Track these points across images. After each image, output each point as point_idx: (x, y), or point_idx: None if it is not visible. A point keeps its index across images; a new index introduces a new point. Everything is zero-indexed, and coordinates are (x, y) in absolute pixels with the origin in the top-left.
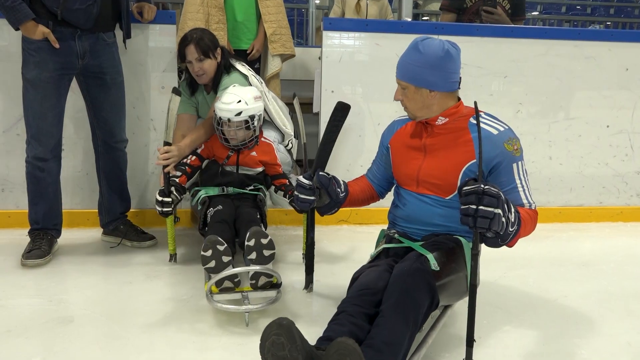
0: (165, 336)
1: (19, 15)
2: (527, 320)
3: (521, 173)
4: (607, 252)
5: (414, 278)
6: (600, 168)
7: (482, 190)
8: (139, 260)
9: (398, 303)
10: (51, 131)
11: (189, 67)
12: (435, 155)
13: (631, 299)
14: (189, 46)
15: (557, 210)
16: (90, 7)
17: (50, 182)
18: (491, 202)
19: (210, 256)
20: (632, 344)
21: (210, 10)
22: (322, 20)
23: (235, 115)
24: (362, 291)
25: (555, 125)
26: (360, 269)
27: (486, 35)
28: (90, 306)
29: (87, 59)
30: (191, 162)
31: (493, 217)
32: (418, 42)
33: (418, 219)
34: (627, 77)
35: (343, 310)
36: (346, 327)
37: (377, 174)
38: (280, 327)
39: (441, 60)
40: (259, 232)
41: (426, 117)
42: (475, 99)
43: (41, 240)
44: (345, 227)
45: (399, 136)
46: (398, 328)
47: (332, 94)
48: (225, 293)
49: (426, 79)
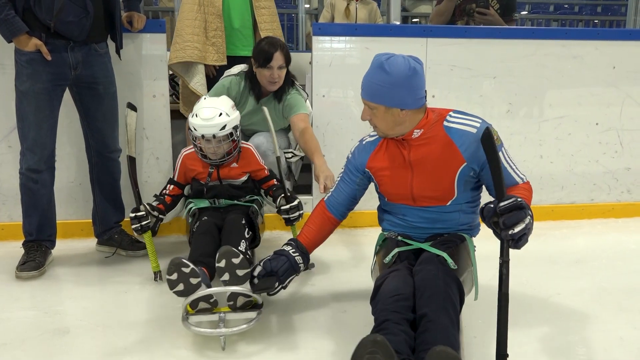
0: (162, 343)
1: (13, 28)
2: (521, 319)
3: (507, 157)
4: (600, 249)
5: (445, 280)
6: (590, 165)
7: (512, 236)
8: (134, 269)
9: (440, 306)
10: (45, 142)
11: (264, 72)
12: (423, 169)
13: (623, 295)
14: (277, 52)
15: (550, 208)
16: (84, 19)
17: (44, 194)
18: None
19: (176, 279)
20: (624, 338)
21: (208, 17)
22: (312, 25)
23: (220, 130)
24: (394, 297)
25: (545, 124)
26: (382, 276)
27: (475, 37)
28: (86, 317)
29: (80, 70)
30: (170, 192)
31: (526, 232)
32: (383, 61)
33: (419, 226)
34: (614, 74)
35: (387, 319)
36: (400, 336)
37: (342, 196)
38: (376, 344)
39: (409, 79)
40: (229, 252)
41: (398, 134)
42: (466, 100)
43: (35, 252)
44: (338, 230)
45: (377, 158)
46: (449, 330)
47: (322, 98)
48: (202, 314)
49: (397, 99)
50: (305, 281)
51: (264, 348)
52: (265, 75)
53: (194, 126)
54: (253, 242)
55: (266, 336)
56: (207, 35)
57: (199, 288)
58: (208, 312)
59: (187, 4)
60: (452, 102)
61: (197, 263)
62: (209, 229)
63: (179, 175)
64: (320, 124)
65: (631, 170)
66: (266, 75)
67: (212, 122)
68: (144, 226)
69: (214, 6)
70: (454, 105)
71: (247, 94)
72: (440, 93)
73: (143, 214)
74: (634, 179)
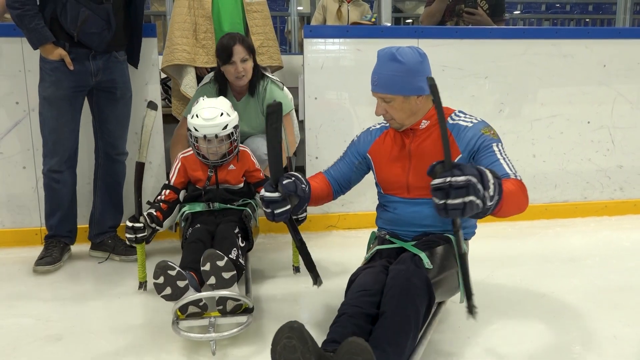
0: (153, 349)
1: (40, 37)
2: (515, 318)
3: (502, 151)
4: (593, 247)
5: (412, 279)
6: (583, 164)
7: (449, 184)
8: (127, 274)
9: (399, 304)
10: (66, 145)
11: (229, 69)
12: (421, 160)
13: (617, 293)
14: (236, 45)
15: (543, 207)
16: (105, 32)
17: (65, 193)
18: (459, 194)
19: (163, 283)
20: (617, 336)
21: (198, 19)
22: (303, 28)
23: (222, 130)
24: (360, 292)
25: (537, 123)
26: (357, 271)
27: (466, 37)
28: (78, 323)
29: (100, 76)
30: (166, 198)
31: (464, 207)
32: (394, 52)
33: (409, 221)
34: (605, 73)
35: (344, 313)
36: (349, 328)
37: (338, 173)
38: (292, 330)
39: (421, 64)
40: (212, 255)
41: (412, 123)
42: (457, 100)
43: (54, 248)
44: (334, 232)
45: (379, 146)
46: (401, 328)
47: (315, 100)
48: (192, 319)
49: (415, 86)
50: (297, 283)
51: (254, 352)
52: (231, 71)
53: (195, 127)
54: (247, 247)
55: (257, 340)
56: (197, 37)
57: (187, 291)
58: (198, 317)
59: (178, 7)
60: (444, 103)
61: (187, 269)
62: (201, 236)
63: (176, 179)
64: (313, 126)
65: (623, 168)
66: (231, 71)
67: (214, 122)
68: (138, 239)
69: (203, 8)
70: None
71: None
72: None
73: (141, 226)
74: (626, 176)
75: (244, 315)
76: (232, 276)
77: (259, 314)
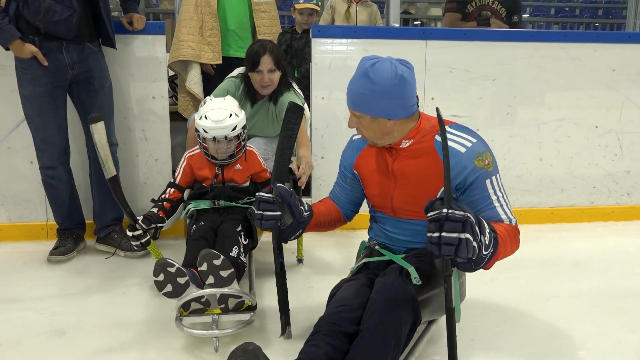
0: (157, 345)
1: (6, 35)
2: (519, 321)
3: (497, 188)
4: (599, 252)
5: (396, 294)
6: (590, 168)
7: (446, 215)
8: (132, 270)
9: (379, 322)
10: (54, 141)
11: (255, 76)
12: (406, 181)
13: (622, 298)
14: (264, 56)
15: (549, 211)
16: (70, 17)
17: (62, 188)
18: (455, 228)
19: (163, 280)
20: (622, 342)
21: (204, 17)
22: (311, 28)
23: (231, 131)
24: (339, 308)
25: (544, 126)
26: (338, 284)
27: (474, 39)
28: (83, 318)
29: (77, 68)
30: (170, 196)
31: (458, 243)
32: (367, 68)
33: (399, 238)
34: (613, 77)
35: (319, 330)
36: (322, 348)
37: (341, 197)
38: (246, 352)
39: (396, 87)
40: (208, 255)
41: (387, 143)
42: (465, 102)
43: (66, 239)
44: (338, 232)
45: (364, 159)
46: (378, 350)
47: (322, 100)
48: (195, 315)
49: (383, 109)
50: (301, 283)
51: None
52: (257, 79)
53: (204, 128)
54: (250, 244)
55: (260, 338)
56: (204, 34)
57: (188, 287)
58: (201, 313)
59: (185, 4)
60: (451, 105)
61: (189, 267)
62: (204, 234)
63: (182, 178)
64: (320, 126)
65: (631, 173)
66: (257, 79)
67: (223, 124)
68: (143, 243)
69: (209, 6)
70: (453, 107)
71: (244, 97)
72: (439, 95)
73: (140, 233)
74: (634, 181)
75: (247, 313)
76: (230, 274)
77: (263, 311)
